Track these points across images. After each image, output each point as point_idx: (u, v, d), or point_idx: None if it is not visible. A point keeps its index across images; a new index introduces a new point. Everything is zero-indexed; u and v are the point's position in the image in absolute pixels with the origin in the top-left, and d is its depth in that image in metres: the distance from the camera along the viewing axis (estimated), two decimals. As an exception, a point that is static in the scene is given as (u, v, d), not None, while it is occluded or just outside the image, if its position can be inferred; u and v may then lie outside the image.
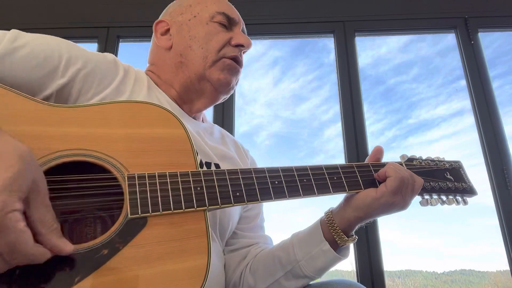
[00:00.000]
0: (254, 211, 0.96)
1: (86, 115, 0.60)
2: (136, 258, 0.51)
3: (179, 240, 0.55)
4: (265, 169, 0.68)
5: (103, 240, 0.51)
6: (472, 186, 0.83)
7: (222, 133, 0.99)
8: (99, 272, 0.48)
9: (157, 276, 0.51)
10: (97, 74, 0.72)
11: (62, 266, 0.47)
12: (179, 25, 0.86)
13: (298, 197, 0.67)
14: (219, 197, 0.61)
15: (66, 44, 0.71)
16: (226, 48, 0.83)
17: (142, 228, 0.53)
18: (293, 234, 0.84)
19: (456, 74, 2.15)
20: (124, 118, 0.62)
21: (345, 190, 0.72)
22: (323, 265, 0.76)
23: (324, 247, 0.75)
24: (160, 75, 0.87)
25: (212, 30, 0.84)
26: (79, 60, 0.70)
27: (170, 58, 0.85)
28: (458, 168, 0.85)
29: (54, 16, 2.18)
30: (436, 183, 0.78)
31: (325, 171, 0.72)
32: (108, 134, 0.59)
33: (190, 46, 0.83)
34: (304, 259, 0.76)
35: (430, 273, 2.06)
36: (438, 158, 0.85)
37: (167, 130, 0.63)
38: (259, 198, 0.64)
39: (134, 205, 0.54)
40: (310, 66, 2.36)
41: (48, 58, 0.66)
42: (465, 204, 0.81)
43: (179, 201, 0.57)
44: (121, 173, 0.56)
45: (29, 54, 0.65)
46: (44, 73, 0.66)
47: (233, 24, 0.88)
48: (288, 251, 0.80)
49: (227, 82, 0.84)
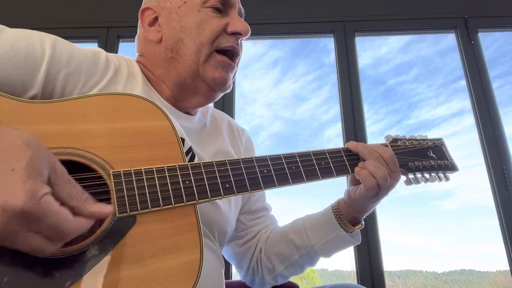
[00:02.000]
0: (260, 202, 0.96)
1: (64, 111, 0.56)
2: (127, 257, 0.50)
3: (170, 236, 0.54)
4: (253, 158, 0.67)
5: (92, 241, 0.49)
6: (453, 162, 0.85)
7: (215, 116, 0.94)
8: (90, 274, 0.47)
9: (151, 274, 0.50)
10: (82, 74, 0.67)
11: (51, 271, 0.45)
12: (167, 14, 0.78)
13: (288, 185, 0.67)
14: (209, 190, 0.59)
15: (51, 40, 0.66)
16: (221, 38, 0.76)
17: (132, 226, 0.52)
18: (305, 217, 0.88)
19: (457, 74, 2.15)
20: (105, 112, 0.59)
21: (333, 175, 0.73)
22: (338, 247, 0.83)
23: (341, 233, 0.79)
24: (152, 70, 0.81)
25: (204, 17, 0.76)
26: (63, 58, 0.65)
27: (160, 53, 0.78)
28: (440, 146, 0.87)
29: (54, 16, 2.18)
30: (420, 162, 0.81)
31: (313, 157, 0.72)
32: (89, 130, 0.56)
33: (181, 39, 0.76)
34: (320, 243, 0.81)
35: (430, 273, 2.06)
36: (421, 136, 0.88)
37: (151, 122, 0.61)
38: (249, 188, 0.63)
39: (121, 203, 0.53)
40: (310, 67, 2.36)
41: (29, 57, 0.61)
42: (447, 180, 0.84)
43: (168, 197, 0.56)
44: (105, 171, 0.54)
45: (8, 52, 0.60)
46: (25, 73, 0.61)
47: (229, 6, 0.80)
48: (302, 236, 0.84)
49: (223, 80, 0.78)
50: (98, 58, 0.71)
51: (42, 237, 0.40)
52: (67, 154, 0.53)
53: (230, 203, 0.84)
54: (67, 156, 0.53)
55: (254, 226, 0.93)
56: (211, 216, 0.76)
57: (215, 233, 0.79)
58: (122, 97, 0.62)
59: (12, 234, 0.39)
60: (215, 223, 0.77)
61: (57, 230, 0.40)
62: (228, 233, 0.84)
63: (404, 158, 0.80)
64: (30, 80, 0.62)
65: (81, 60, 0.68)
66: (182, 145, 0.63)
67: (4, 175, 0.38)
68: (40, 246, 0.40)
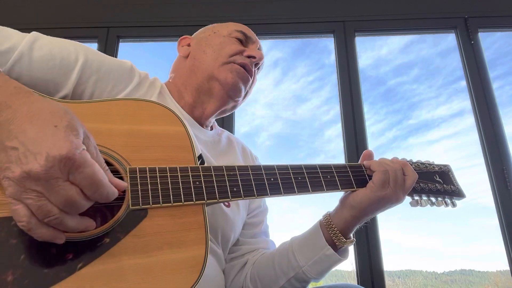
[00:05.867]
0: (258, 217, 0.95)
1: (89, 111, 0.62)
2: (136, 247, 0.53)
3: (178, 231, 0.56)
4: (261, 166, 0.70)
5: (105, 229, 0.52)
6: (460, 188, 0.85)
7: (231, 138, 1.01)
8: (101, 259, 0.50)
9: (156, 265, 0.52)
10: (110, 80, 0.74)
11: (65, 252, 0.49)
12: (199, 39, 0.94)
13: (293, 194, 0.69)
14: (217, 192, 0.62)
15: (84, 48, 0.73)
16: (238, 56, 0.88)
17: (143, 219, 0.55)
18: (292, 239, 0.84)
19: (457, 75, 2.15)
20: (126, 115, 0.64)
21: (338, 188, 0.74)
22: (326, 268, 0.78)
23: (328, 251, 0.76)
24: (176, 82, 0.92)
25: (228, 41, 0.90)
26: (94, 65, 0.72)
27: (186, 65, 0.92)
28: (447, 172, 0.87)
29: (54, 16, 2.18)
30: (425, 185, 0.81)
31: (319, 170, 0.74)
32: (110, 129, 0.61)
33: (204, 51, 0.89)
34: (308, 264, 0.77)
35: (430, 273, 2.06)
36: (428, 161, 0.88)
37: (168, 127, 0.65)
38: (256, 193, 0.66)
39: (135, 197, 0.56)
40: (311, 67, 2.36)
41: (64, 61, 0.69)
42: (454, 207, 0.83)
43: (178, 194, 0.59)
44: (122, 167, 0.58)
45: (46, 55, 0.67)
46: (59, 74, 0.68)
47: (249, 42, 0.94)
48: (289, 257, 0.80)
49: (234, 82, 0.86)
50: (125, 67, 0.79)
51: (79, 190, 0.44)
52: None
53: (239, 211, 0.85)
54: None
55: (245, 245, 0.90)
56: (217, 220, 0.78)
57: (219, 238, 0.80)
58: (143, 102, 0.67)
59: (52, 181, 0.42)
60: (220, 228, 0.79)
61: (92, 181, 0.44)
62: (231, 241, 0.85)
63: None
64: (63, 82, 0.68)
65: (110, 68, 0.75)
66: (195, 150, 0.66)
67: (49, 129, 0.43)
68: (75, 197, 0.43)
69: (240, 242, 0.90)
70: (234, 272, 0.88)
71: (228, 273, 0.88)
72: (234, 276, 0.88)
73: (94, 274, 0.49)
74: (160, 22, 2.14)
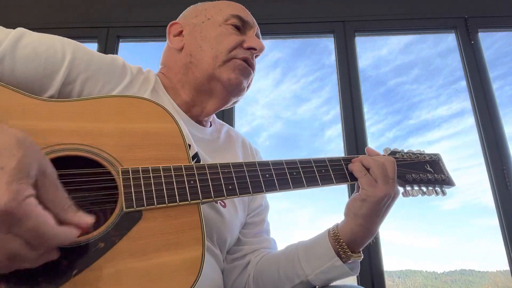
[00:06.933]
0: (260, 216, 0.94)
1: (77, 110, 0.59)
2: (132, 250, 0.51)
3: (174, 232, 0.55)
4: (256, 162, 0.69)
5: (99, 233, 0.51)
6: (450, 177, 0.86)
7: (230, 133, 0.97)
8: (96, 265, 0.49)
9: (154, 267, 0.51)
10: (100, 79, 0.70)
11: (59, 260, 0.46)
12: (192, 27, 0.86)
13: (288, 189, 0.69)
14: (212, 190, 0.61)
15: (72, 46, 0.69)
16: (238, 50, 0.82)
17: (137, 221, 0.54)
18: (298, 244, 0.82)
19: (457, 75, 2.15)
20: (116, 113, 0.61)
21: (332, 182, 0.74)
22: (333, 278, 0.76)
23: (337, 262, 0.74)
24: (171, 77, 0.86)
25: (224, 31, 0.82)
26: (82, 63, 0.69)
27: (180, 59, 0.84)
28: (438, 161, 0.88)
29: (54, 16, 2.18)
30: (417, 175, 0.82)
31: (313, 164, 0.74)
32: (100, 128, 0.59)
33: (200, 46, 0.82)
34: (314, 273, 0.75)
35: (430, 273, 2.06)
36: (419, 151, 0.89)
37: (159, 124, 0.63)
38: (251, 190, 0.65)
39: (129, 199, 0.54)
40: (311, 67, 2.36)
41: (49, 59, 0.65)
42: (444, 195, 0.84)
43: (173, 194, 0.57)
44: (114, 168, 0.56)
45: (30, 55, 0.63)
46: (44, 75, 0.64)
47: (247, 28, 0.87)
48: (294, 264, 0.78)
49: (238, 82, 0.82)
50: (116, 65, 0.74)
51: (23, 242, 0.39)
52: (78, 150, 0.56)
53: (236, 213, 0.83)
54: (78, 152, 0.55)
55: (247, 244, 0.88)
56: (212, 220, 0.76)
57: (214, 238, 0.78)
58: (133, 99, 0.64)
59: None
60: (215, 228, 0.77)
61: (37, 234, 0.39)
62: (228, 242, 0.83)
63: (402, 170, 0.81)
64: (48, 82, 0.65)
65: (99, 66, 0.71)
66: (189, 148, 0.64)
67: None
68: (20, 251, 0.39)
69: (241, 241, 0.89)
70: (236, 273, 0.86)
71: (229, 274, 0.87)
72: (236, 277, 0.86)
73: (89, 281, 0.47)
74: (160, 22, 2.14)
